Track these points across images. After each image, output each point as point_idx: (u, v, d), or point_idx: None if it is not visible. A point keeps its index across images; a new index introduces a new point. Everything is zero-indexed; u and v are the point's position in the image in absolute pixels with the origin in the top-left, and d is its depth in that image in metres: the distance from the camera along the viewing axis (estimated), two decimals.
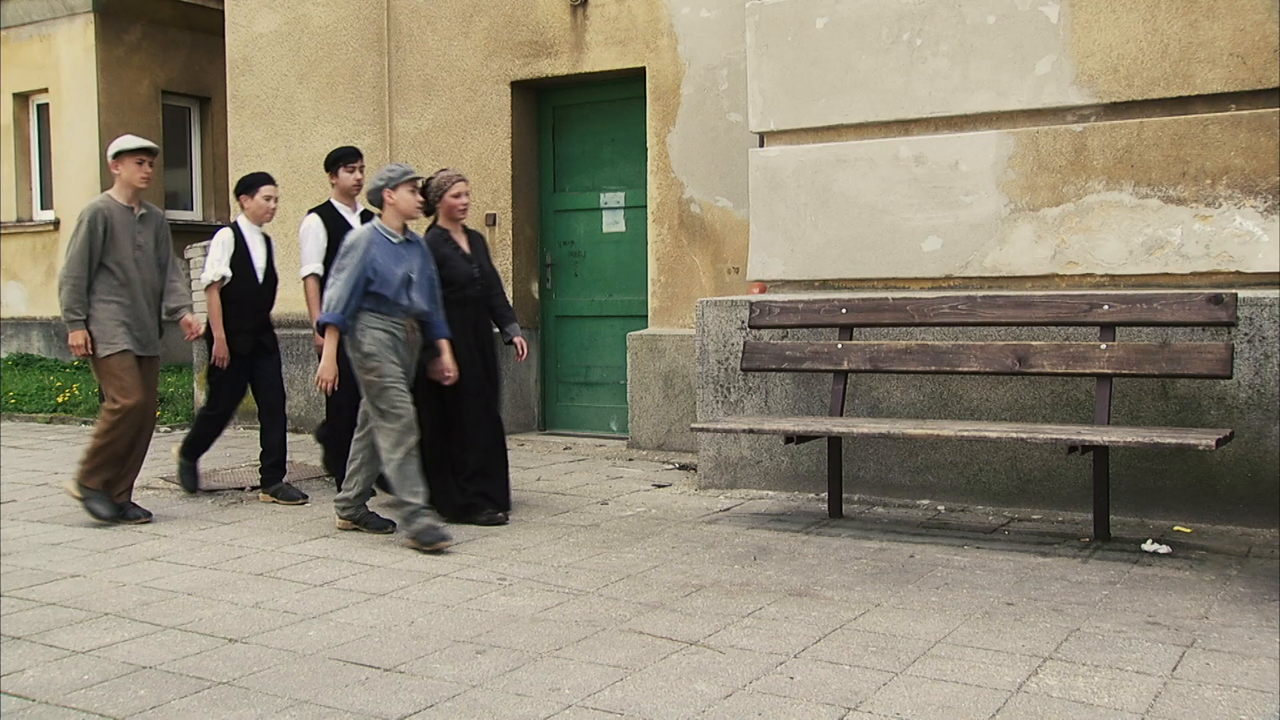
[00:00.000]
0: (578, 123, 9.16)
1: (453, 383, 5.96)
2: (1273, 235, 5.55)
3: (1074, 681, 3.63)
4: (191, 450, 7.02)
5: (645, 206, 8.60)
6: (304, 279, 6.80)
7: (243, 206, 6.89)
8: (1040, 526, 5.80)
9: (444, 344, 5.90)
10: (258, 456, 6.91)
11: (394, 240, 5.70)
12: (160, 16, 13.56)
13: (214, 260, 6.71)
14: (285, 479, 6.92)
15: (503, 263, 9.07)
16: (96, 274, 6.03)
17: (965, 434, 5.35)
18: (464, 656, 3.99)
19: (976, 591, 4.66)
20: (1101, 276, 5.94)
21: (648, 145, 8.46)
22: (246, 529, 6.09)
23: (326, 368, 5.65)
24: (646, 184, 8.53)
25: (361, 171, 6.88)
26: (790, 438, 5.87)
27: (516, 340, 6.38)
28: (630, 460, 8.01)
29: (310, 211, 6.88)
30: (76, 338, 6.02)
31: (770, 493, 6.70)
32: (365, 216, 6.83)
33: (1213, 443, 4.88)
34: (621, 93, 8.78)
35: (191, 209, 14.30)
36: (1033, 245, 6.10)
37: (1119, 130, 5.89)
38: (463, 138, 9.20)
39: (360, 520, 5.95)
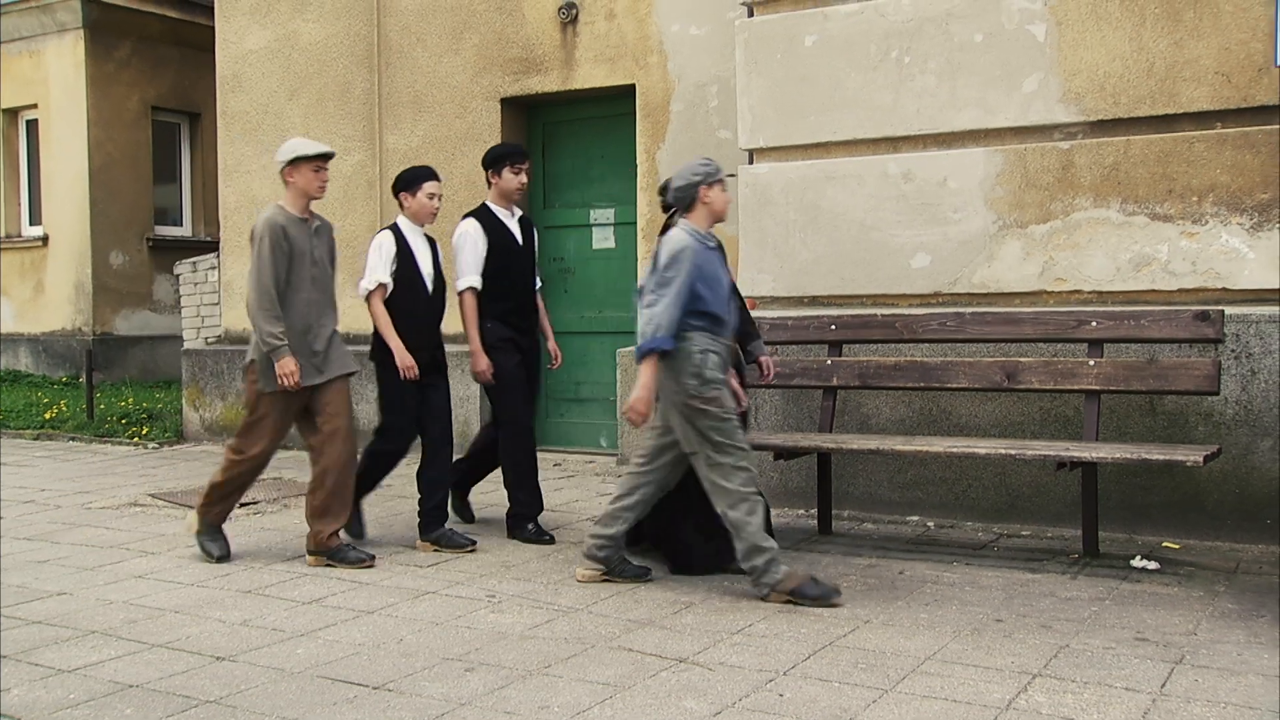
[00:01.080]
0: (567, 139, 9.18)
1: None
2: (1259, 252, 5.58)
3: (1063, 698, 3.63)
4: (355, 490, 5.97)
5: (635, 223, 8.61)
6: (460, 293, 6.06)
7: (403, 206, 6.03)
8: (1029, 543, 5.81)
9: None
10: (417, 501, 6.00)
11: (710, 245, 4.97)
12: (150, 33, 13.56)
13: (372, 266, 5.89)
14: (445, 523, 5.99)
15: None
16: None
17: (954, 450, 5.35)
18: (453, 674, 3.97)
19: (966, 608, 4.66)
20: (1089, 293, 5.96)
21: (637, 162, 8.47)
22: (234, 546, 6.05)
23: (644, 399, 4.76)
24: (636, 200, 8.55)
25: (529, 174, 6.27)
26: (779, 454, 5.87)
27: (762, 360, 5.67)
28: (620, 476, 7.99)
29: (466, 216, 6.22)
30: (286, 364, 5.40)
31: None
32: (523, 223, 6.27)
33: (1200, 459, 4.89)
34: (611, 109, 8.80)
35: (181, 225, 14.29)
36: (1021, 262, 6.12)
37: (1106, 148, 5.92)
38: (453, 154, 9.21)
39: (616, 570, 5.15)
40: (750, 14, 6.91)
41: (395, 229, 5.98)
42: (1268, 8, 5.40)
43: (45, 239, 13.64)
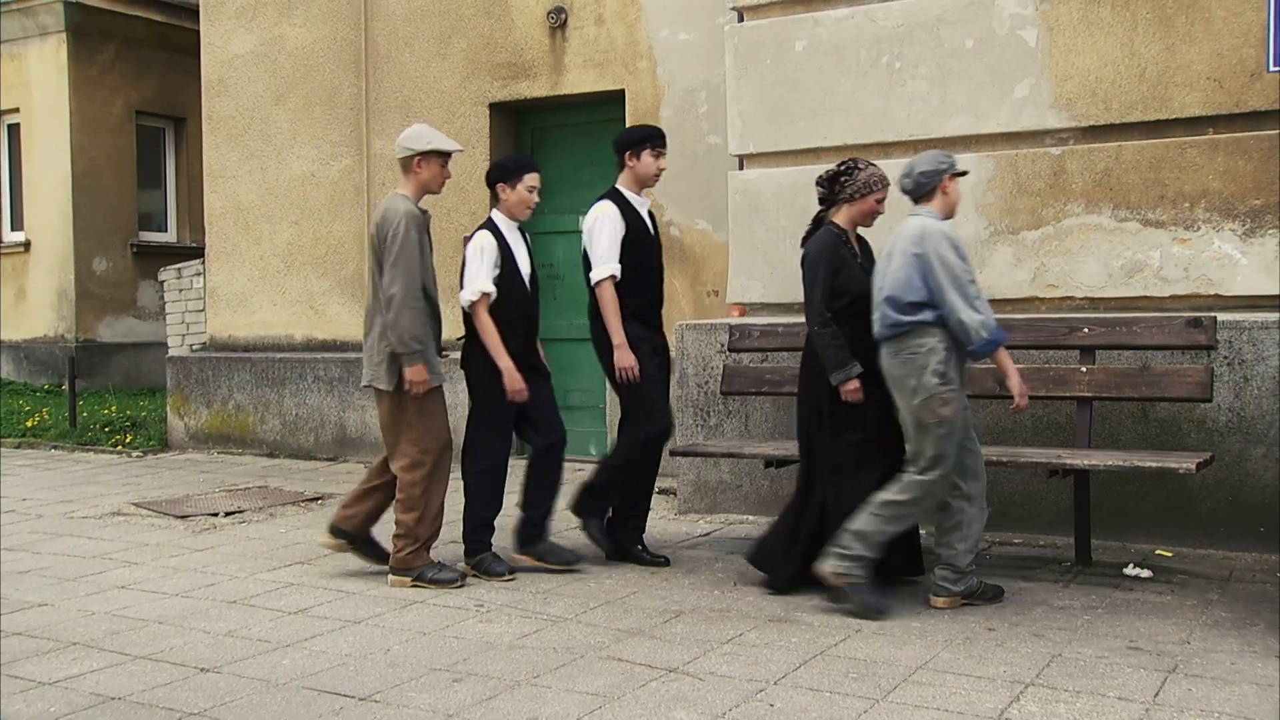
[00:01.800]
0: (557, 145, 9.14)
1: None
2: (1251, 258, 5.57)
3: (1056, 708, 3.61)
4: (477, 520, 5.49)
5: None
6: (598, 283, 5.57)
7: (499, 197, 5.52)
8: (1021, 551, 5.78)
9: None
10: (519, 506, 5.62)
11: None
12: (134, 36, 13.49)
13: (473, 274, 5.39)
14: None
15: None
16: None
17: None
18: (441, 685, 3.93)
19: (957, 616, 4.63)
20: (1081, 299, 5.94)
21: None
22: (219, 555, 6.00)
23: (1020, 379, 4.80)
24: None
25: (665, 160, 5.75)
26: (770, 462, 5.82)
27: None
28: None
29: (602, 198, 5.70)
30: (419, 373, 5.09)
31: (750, 517, 6.66)
32: (650, 212, 5.78)
33: (1193, 466, 4.87)
34: (600, 115, 8.76)
35: (166, 230, 14.21)
36: (1012, 268, 6.10)
37: (1097, 153, 5.90)
38: None
39: (976, 593, 4.81)
40: (740, 19, 6.88)
41: (493, 227, 5.49)
42: (1260, 13, 5.39)
43: (27, 244, 13.54)
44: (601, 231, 5.57)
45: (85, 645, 4.46)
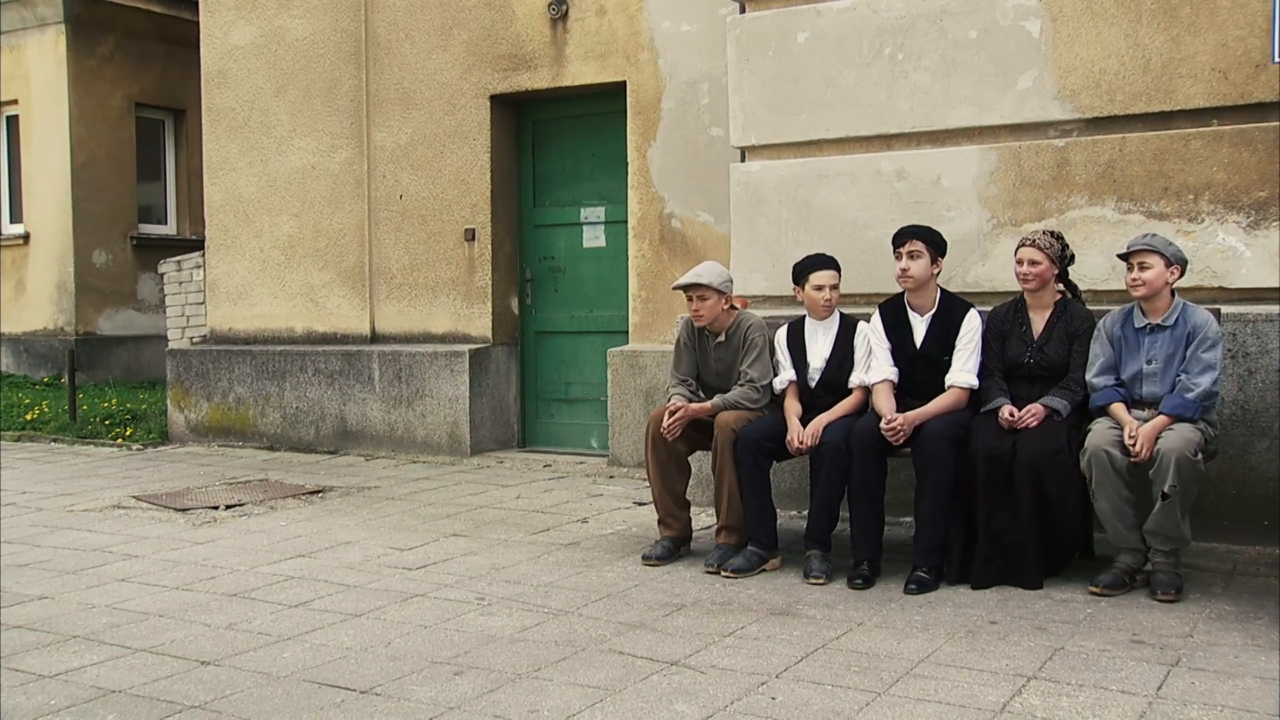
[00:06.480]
0: (558, 137, 9.11)
1: None
2: (1256, 250, 5.55)
3: (1058, 701, 3.60)
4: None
5: (626, 221, 8.56)
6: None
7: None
8: None
9: None
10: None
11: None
12: (134, 28, 13.45)
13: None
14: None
15: (481, 278, 9.01)
16: None
17: None
18: (442, 678, 3.92)
19: (960, 610, 4.62)
20: (1085, 292, 5.90)
21: (628, 160, 8.41)
22: (220, 549, 5.99)
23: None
24: (627, 199, 8.49)
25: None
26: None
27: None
28: (610, 478, 7.95)
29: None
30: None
31: None
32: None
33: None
34: (602, 107, 8.74)
35: (165, 223, 14.18)
36: (1015, 261, 6.06)
37: (1101, 145, 5.88)
38: (441, 152, 9.14)
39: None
40: (742, 10, 6.85)
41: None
42: (1265, 3, 5.36)
43: (26, 237, 13.52)
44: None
45: (85, 638, 4.45)
